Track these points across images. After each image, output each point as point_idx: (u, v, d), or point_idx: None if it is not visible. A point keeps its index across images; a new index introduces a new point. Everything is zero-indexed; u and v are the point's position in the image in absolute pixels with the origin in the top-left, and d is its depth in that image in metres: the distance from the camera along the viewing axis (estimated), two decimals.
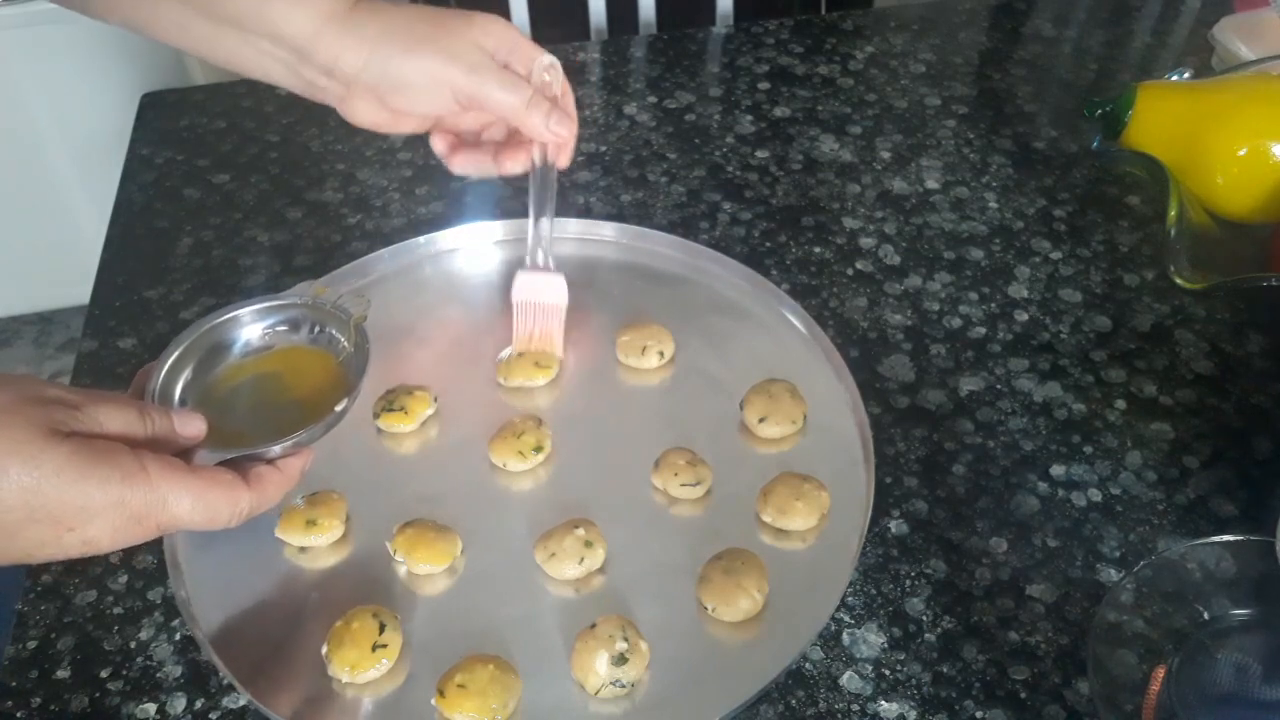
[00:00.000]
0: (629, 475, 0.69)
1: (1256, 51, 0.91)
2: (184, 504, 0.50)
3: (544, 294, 0.74)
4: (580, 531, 0.64)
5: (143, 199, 0.91)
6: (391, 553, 0.65)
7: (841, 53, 1.05)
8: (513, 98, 0.65)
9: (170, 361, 0.59)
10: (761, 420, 0.71)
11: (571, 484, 0.69)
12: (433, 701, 0.58)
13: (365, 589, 0.64)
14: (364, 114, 0.67)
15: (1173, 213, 0.74)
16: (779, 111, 0.99)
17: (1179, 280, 0.72)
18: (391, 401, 0.72)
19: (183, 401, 0.59)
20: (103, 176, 1.73)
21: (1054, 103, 1.00)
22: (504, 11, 1.20)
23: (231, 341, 0.63)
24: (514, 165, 0.71)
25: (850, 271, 0.84)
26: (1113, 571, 0.65)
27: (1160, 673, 0.57)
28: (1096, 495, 0.69)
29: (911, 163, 0.93)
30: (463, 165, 0.71)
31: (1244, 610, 0.59)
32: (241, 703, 0.60)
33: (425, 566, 0.64)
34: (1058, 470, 0.70)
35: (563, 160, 0.71)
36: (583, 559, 0.64)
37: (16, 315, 1.99)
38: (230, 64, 0.66)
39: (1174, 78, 0.86)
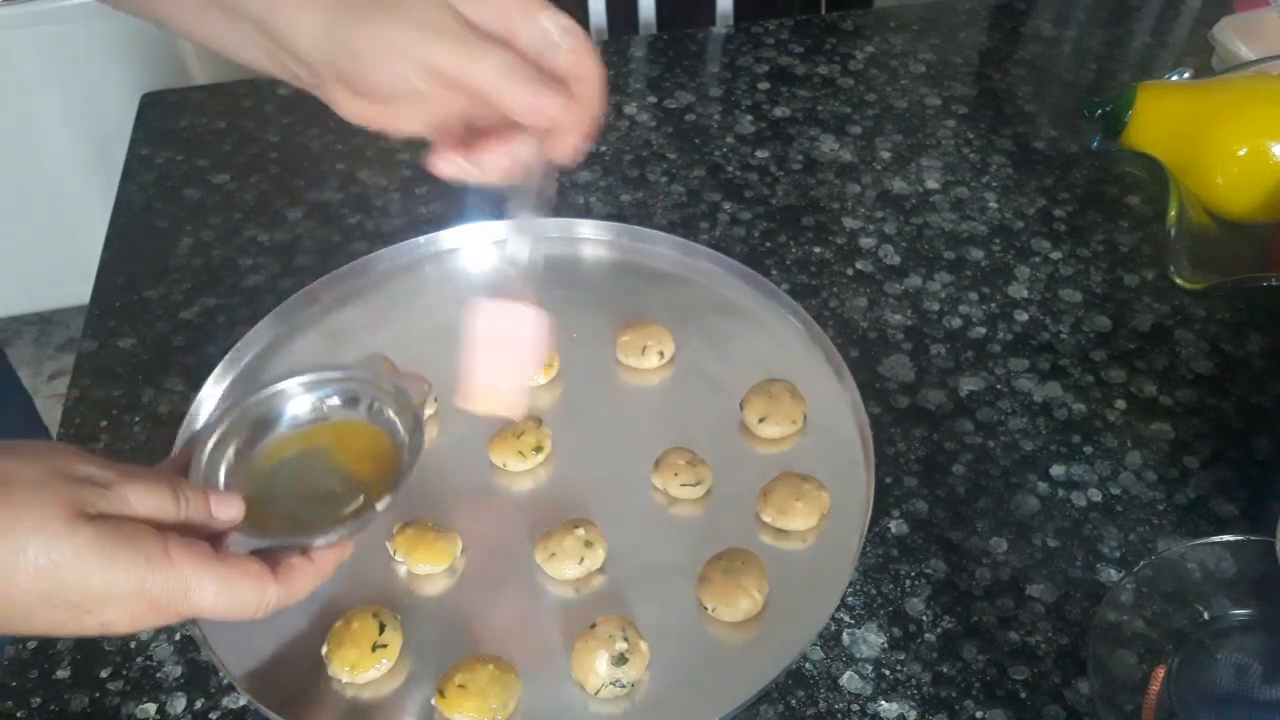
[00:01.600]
0: (629, 475, 0.69)
1: (1256, 51, 0.91)
2: (207, 594, 0.48)
3: (512, 331, 0.57)
4: (580, 531, 0.64)
5: (143, 199, 0.91)
6: (391, 553, 0.65)
7: (841, 53, 1.05)
8: (481, 68, 0.51)
9: (218, 435, 0.56)
10: (761, 420, 0.71)
11: (571, 484, 0.69)
12: (433, 701, 0.58)
13: (365, 589, 0.64)
14: (347, 105, 0.55)
15: (1173, 213, 0.74)
16: (779, 111, 0.99)
17: (1179, 280, 0.72)
18: None
19: (229, 474, 0.56)
20: (103, 176, 1.74)
21: (1054, 103, 1.00)
22: None
23: (284, 412, 0.59)
24: (493, 159, 0.55)
25: (850, 271, 0.84)
26: (1113, 571, 0.65)
27: (1160, 673, 0.57)
28: (1096, 495, 0.69)
29: (911, 163, 0.93)
30: (442, 165, 0.56)
31: (1244, 610, 0.59)
32: (241, 703, 0.60)
33: (425, 566, 0.64)
34: (1058, 470, 0.70)
35: (559, 151, 0.54)
36: (583, 559, 0.64)
37: (16, 315, 1.99)
38: (228, 52, 0.59)
39: (1174, 78, 0.86)
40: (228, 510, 0.51)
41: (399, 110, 0.55)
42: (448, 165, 0.56)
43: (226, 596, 0.48)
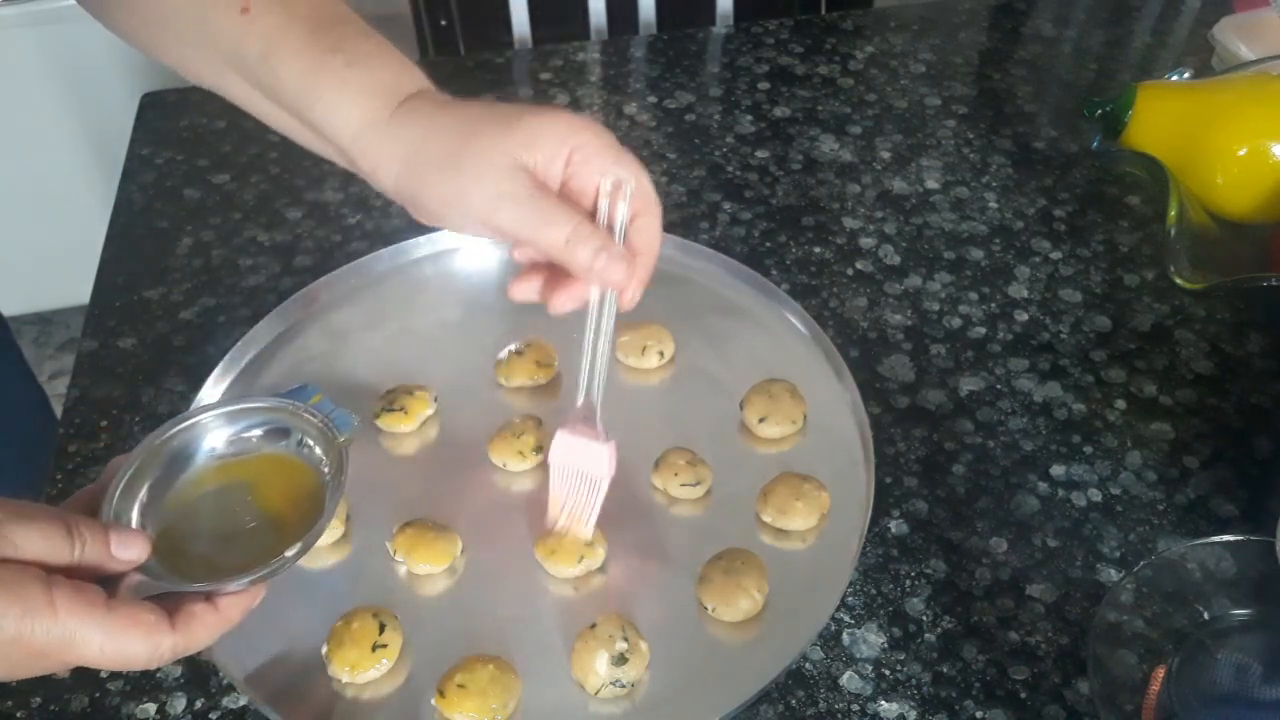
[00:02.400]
0: (629, 475, 0.69)
1: (1256, 51, 0.91)
2: (93, 645, 0.45)
3: (586, 463, 0.62)
4: None
5: (143, 199, 0.91)
6: (391, 553, 0.65)
7: (841, 53, 1.05)
8: (548, 232, 0.54)
9: (133, 469, 0.52)
10: (761, 420, 0.71)
11: None
12: (433, 701, 0.58)
13: (365, 589, 0.64)
14: (422, 219, 0.58)
15: (1173, 213, 0.74)
16: (779, 111, 0.99)
17: (1179, 280, 0.72)
18: (391, 401, 0.72)
19: (142, 511, 0.52)
20: (103, 176, 1.74)
21: (1054, 103, 1.00)
22: (503, 12, 1.20)
23: (203, 444, 0.55)
24: (561, 303, 0.59)
25: (850, 271, 0.84)
26: (1113, 571, 0.65)
27: (1160, 673, 0.57)
28: (1096, 495, 0.69)
29: (911, 163, 0.93)
30: (518, 291, 0.60)
31: (1244, 610, 0.60)
32: (242, 703, 0.60)
33: (425, 566, 0.64)
34: (1058, 470, 0.70)
35: (624, 302, 0.58)
36: (582, 557, 0.64)
37: (16, 315, 1.99)
38: (300, 143, 0.60)
39: (1174, 78, 0.86)
40: (128, 550, 0.48)
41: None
42: (521, 293, 0.60)
43: (113, 647, 0.45)
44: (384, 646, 0.60)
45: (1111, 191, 0.90)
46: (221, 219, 0.89)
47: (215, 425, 0.56)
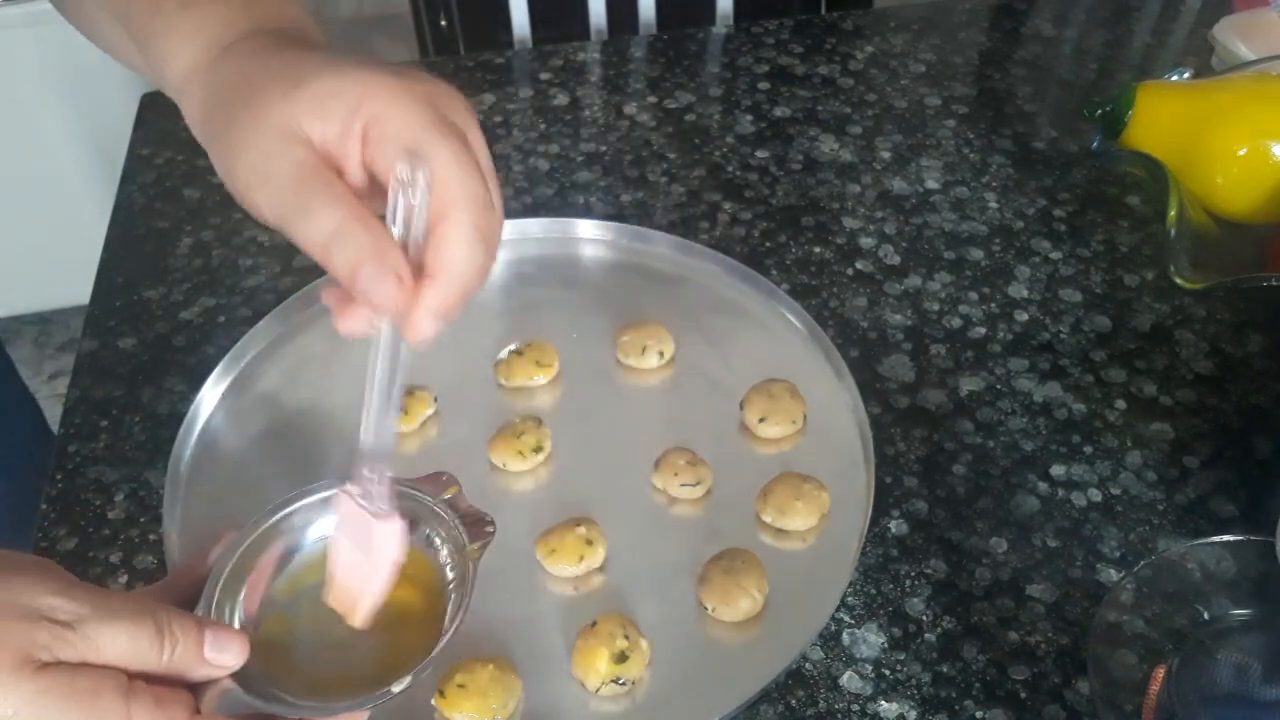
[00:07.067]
0: (629, 475, 0.69)
1: (1256, 51, 0.91)
2: None
3: (363, 540, 0.49)
4: (581, 529, 0.64)
5: (143, 199, 0.91)
6: None
7: (841, 53, 1.05)
8: (304, 227, 0.42)
9: (244, 546, 0.48)
10: (761, 420, 0.71)
11: (571, 484, 0.69)
12: (433, 701, 0.58)
13: None
14: None
15: (1173, 213, 0.74)
16: (779, 111, 0.99)
17: (1179, 280, 0.72)
18: None
19: (249, 600, 0.48)
20: (103, 176, 1.74)
21: (1054, 103, 1.00)
22: (503, 12, 1.20)
23: (321, 525, 0.50)
24: (347, 324, 0.47)
25: (850, 271, 0.84)
26: (1113, 571, 0.65)
27: (1160, 673, 0.57)
28: (1096, 495, 0.69)
29: (911, 163, 0.93)
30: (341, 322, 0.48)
31: (1244, 610, 0.60)
32: None
33: None
34: (1058, 470, 0.70)
35: (406, 334, 0.46)
36: (582, 556, 0.64)
37: (16, 315, 1.99)
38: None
39: (1174, 78, 0.86)
40: (223, 655, 0.43)
41: None
42: (346, 325, 0.48)
43: None
44: None
45: (1111, 191, 0.90)
46: (221, 219, 0.89)
47: (334, 506, 0.50)
